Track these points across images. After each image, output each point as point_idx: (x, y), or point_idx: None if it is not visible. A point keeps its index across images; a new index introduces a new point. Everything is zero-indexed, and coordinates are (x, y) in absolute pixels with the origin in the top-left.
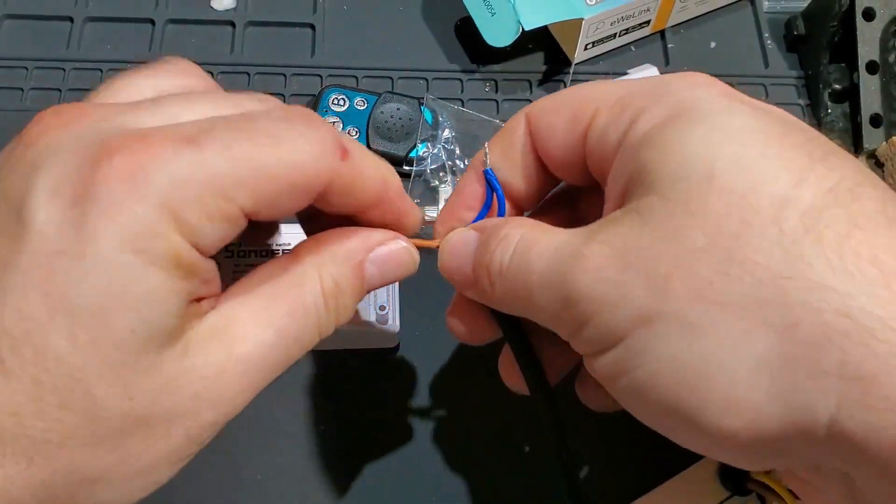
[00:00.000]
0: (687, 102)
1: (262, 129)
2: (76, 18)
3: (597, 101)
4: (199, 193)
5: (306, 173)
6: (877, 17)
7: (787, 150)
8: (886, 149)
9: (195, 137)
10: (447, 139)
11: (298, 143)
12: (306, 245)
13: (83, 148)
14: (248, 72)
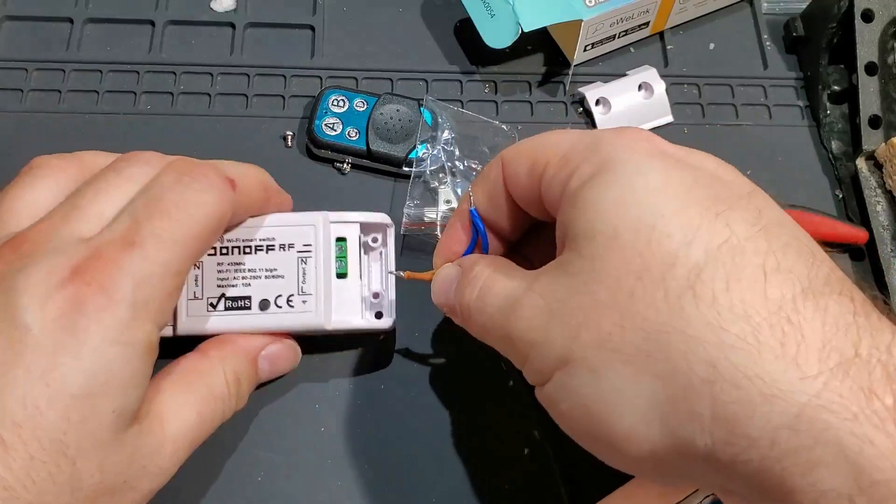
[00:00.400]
0: (609, 162)
1: (171, 203)
2: (76, 20)
3: (548, 154)
4: (156, 283)
5: (216, 217)
6: (876, 18)
7: (688, 208)
8: (885, 150)
9: (132, 240)
10: (447, 140)
11: (202, 198)
12: (212, 344)
13: (54, 270)
14: (247, 73)
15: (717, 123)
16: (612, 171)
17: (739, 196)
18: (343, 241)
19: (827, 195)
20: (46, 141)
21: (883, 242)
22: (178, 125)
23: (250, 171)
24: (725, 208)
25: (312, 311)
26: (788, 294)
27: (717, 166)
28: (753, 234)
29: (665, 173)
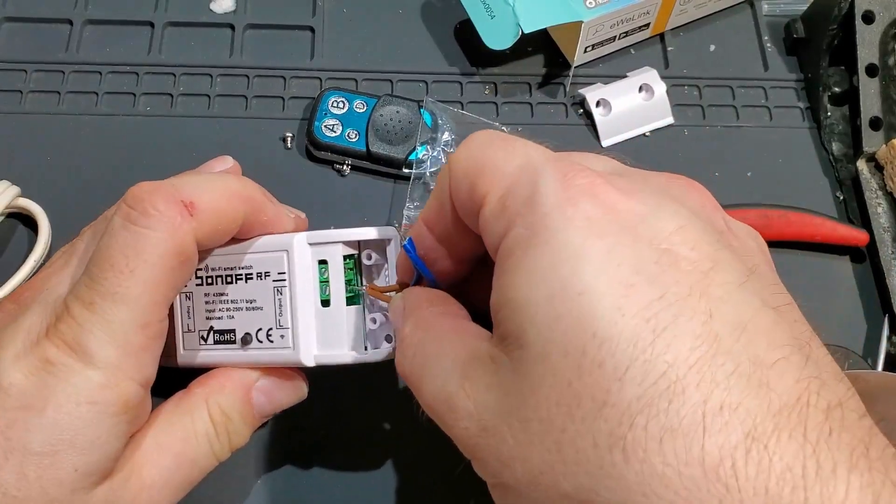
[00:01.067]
0: (543, 235)
1: (119, 253)
2: (75, 21)
3: (487, 185)
4: (123, 341)
5: (175, 255)
6: (876, 20)
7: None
8: (886, 152)
9: (90, 300)
10: (447, 142)
11: (151, 238)
12: (198, 380)
13: (33, 326)
14: (247, 74)
15: (718, 125)
16: (546, 251)
17: (694, 283)
18: (325, 265)
19: (827, 197)
20: (46, 142)
21: (884, 244)
22: (177, 127)
23: (220, 186)
24: (670, 318)
25: (290, 347)
26: (730, 443)
27: (677, 227)
28: (697, 359)
29: (607, 262)
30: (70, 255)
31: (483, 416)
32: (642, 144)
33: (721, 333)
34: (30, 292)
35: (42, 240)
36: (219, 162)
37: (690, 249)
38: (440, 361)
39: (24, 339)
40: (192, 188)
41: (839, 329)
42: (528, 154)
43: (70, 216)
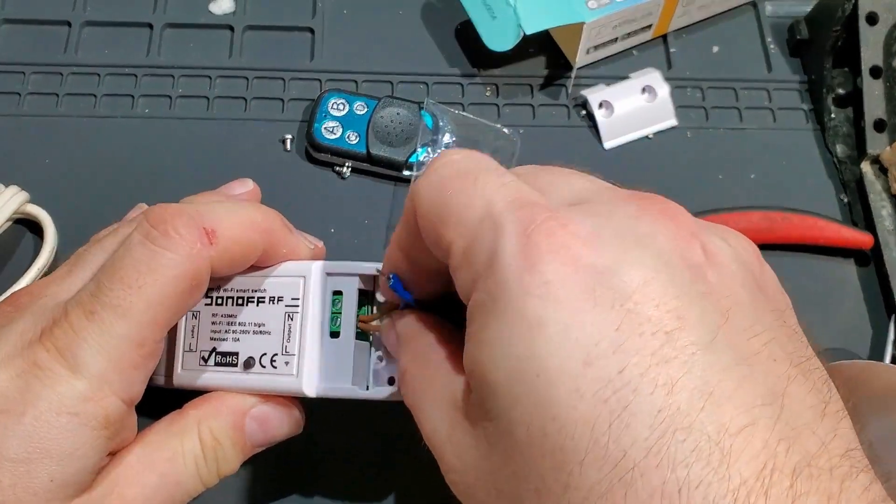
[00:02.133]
0: (502, 301)
1: (133, 268)
2: (74, 23)
3: (451, 233)
4: (116, 356)
5: (187, 279)
6: (880, 21)
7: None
8: (891, 154)
9: (92, 308)
10: (448, 144)
11: (167, 260)
12: (193, 402)
13: (27, 329)
14: (246, 76)
15: (721, 127)
16: (506, 320)
17: (657, 348)
18: (339, 295)
19: (832, 199)
20: (44, 145)
21: (888, 247)
22: (176, 129)
23: (242, 216)
24: (629, 397)
25: (294, 375)
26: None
27: (642, 280)
28: (655, 441)
29: (564, 337)
30: (73, 265)
31: (465, 477)
32: (645, 147)
33: (682, 406)
34: (28, 297)
35: (47, 246)
36: (239, 184)
37: (655, 307)
38: (434, 404)
39: (14, 342)
40: (214, 216)
41: (844, 332)
42: (489, 202)
43: (70, 219)
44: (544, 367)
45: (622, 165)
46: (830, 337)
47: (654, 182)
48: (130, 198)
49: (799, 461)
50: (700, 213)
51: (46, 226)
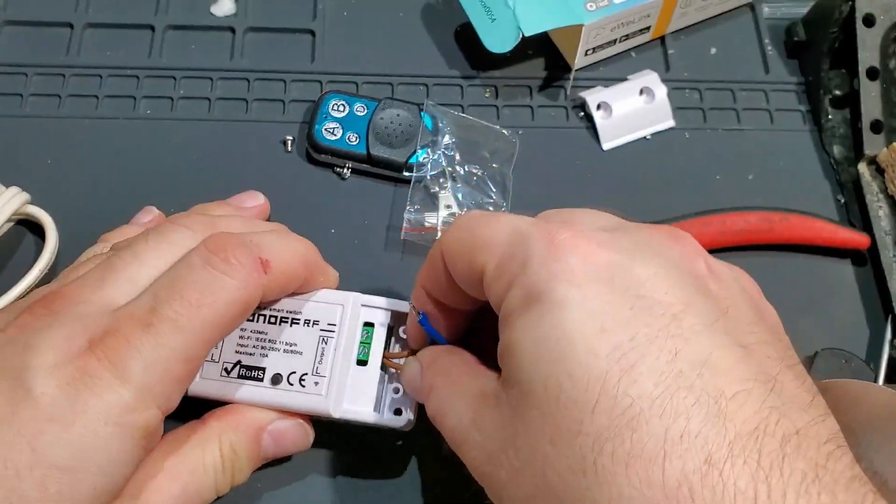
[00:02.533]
0: (535, 292)
1: (193, 287)
2: (76, 24)
3: (483, 257)
4: (165, 368)
5: (240, 304)
6: (877, 23)
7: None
8: (887, 155)
9: (149, 321)
10: (447, 145)
11: (227, 284)
12: (215, 413)
13: (73, 337)
14: (247, 78)
15: (719, 128)
16: (537, 306)
17: (665, 325)
18: (370, 328)
19: (829, 200)
20: (46, 146)
21: (885, 248)
22: (177, 130)
23: (291, 248)
24: (638, 357)
25: (322, 395)
26: (688, 468)
27: (653, 274)
28: (660, 393)
29: (587, 308)
30: (106, 270)
31: (488, 446)
32: (643, 148)
33: (684, 370)
34: (62, 301)
35: (49, 247)
36: (250, 198)
37: (664, 294)
38: (457, 402)
39: (62, 348)
40: (268, 247)
41: (841, 332)
42: (513, 224)
43: (72, 220)
44: (565, 333)
45: (620, 166)
46: (828, 337)
47: (652, 183)
48: (132, 199)
49: (788, 430)
50: (698, 214)
51: (48, 227)
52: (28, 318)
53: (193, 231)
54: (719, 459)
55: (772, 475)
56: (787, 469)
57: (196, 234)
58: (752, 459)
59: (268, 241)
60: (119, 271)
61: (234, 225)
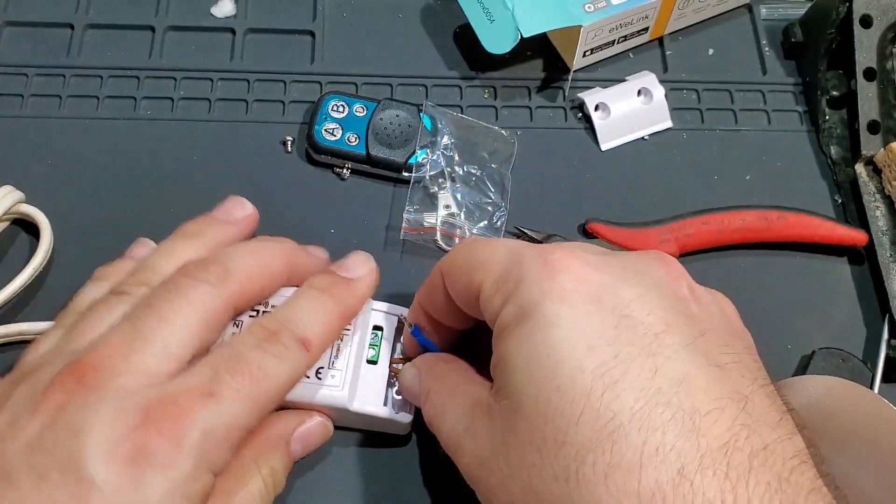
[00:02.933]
0: (528, 310)
1: (252, 364)
2: (76, 25)
3: (480, 276)
4: (224, 436)
5: (290, 383)
6: (874, 24)
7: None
8: (884, 155)
9: (211, 390)
10: (446, 146)
11: (279, 366)
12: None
13: (124, 413)
14: (247, 79)
15: (717, 129)
16: (529, 322)
17: (647, 344)
18: (379, 330)
19: (826, 200)
20: (47, 146)
21: (882, 247)
22: (177, 130)
23: (327, 319)
24: (620, 374)
25: (339, 387)
26: (662, 479)
27: (637, 296)
28: (640, 408)
29: (573, 329)
30: (133, 335)
31: (480, 453)
32: (641, 148)
33: (663, 387)
34: (97, 374)
35: (43, 247)
36: (237, 207)
37: (647, 314)
38: (452, 409)
39: (113, 426)
40: (305, 326)
41: (839, 332)
42: (509, 246)
43: (71, 221)
44: (555, 350)
45: (618, 167)
46: (825, 336)
47: (650, 183)
48: (132, 200)
49: (756, 446)
50: (696, 214)
51: (42, 226)
52: (61, 396)
53: (212, 286)
54: (691, 471)
55: (738, 486)
56: (752, 481)
57: (216, 289)
58: (721, 471)
59: (306, 319)
60: (149, 337)
61: (246, 266)
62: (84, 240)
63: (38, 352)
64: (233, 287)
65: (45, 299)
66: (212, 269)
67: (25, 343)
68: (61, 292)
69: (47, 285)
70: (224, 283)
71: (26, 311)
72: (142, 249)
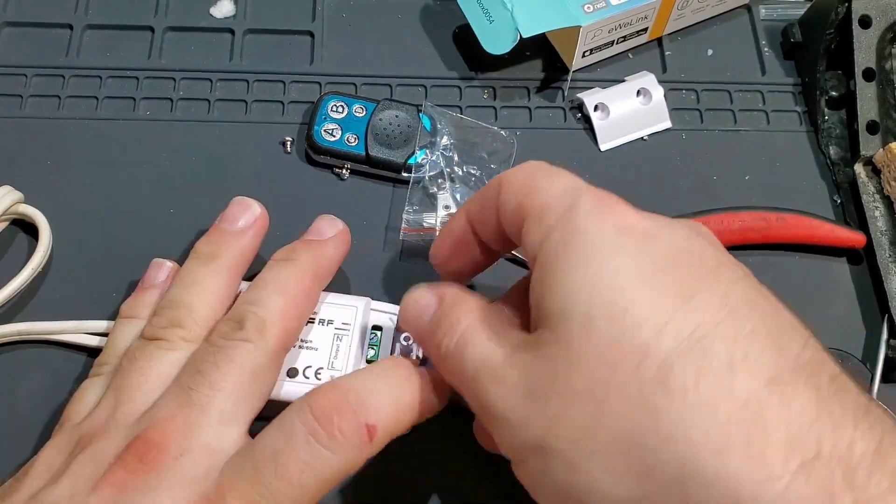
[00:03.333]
0: (579, 237)
1: (295, 466)
2: (76, 26)
3: (533, 201)
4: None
5: (342, 476)
6: (873, 24)
7: (659, 293)
8: (883, 155)
9: (249, 497)
10: (446, 146)
11: (330, 462)
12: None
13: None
14: (246, 79)
15: (716, 129)
16: (583, 249)
17: (707, 273)
18: (379, 330)
19: (825, 201)
20: (46, 147)
21: (881, 247)
22: (177, 131)
23: (397, 401)
24: (694, 291)
25: None
26: (755, 386)
27: (686, 237)
28: (721, 319)
29: (636, 254)
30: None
31: (529, 384)
32: (640, 148)
33: (737, 305)
34: (159, 453)
35: (41, 247)
36: (246, 212)
37: (702, 250)
38: (486, 338)
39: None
40: (376, 407)
41: (838, 332)
42: (570, 180)
43: (70, 221)
44: (621, 272)
45: (618, 167)
46: (824, 336)
47: (649, 184)
48: (131, 200)
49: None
50: (695, 214)
51: (41, 226)
52: (124, 475)
53: (254, 342)
54: (782, 381)
55: (830, 401)
56: (839, 399)
57: (257, 343)
58: (811, 386)
59: (374, 402)
60: (206, 409)
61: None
62: (83, 240)
63: (83, 404)
64: (272, 335)
65: (43, 299)
66: (247, 325)
67: (26, 343)
68: (60, 292)
69: (46, 285)
70: (263, 337)
71: (25, 312)
72: (160, 273)
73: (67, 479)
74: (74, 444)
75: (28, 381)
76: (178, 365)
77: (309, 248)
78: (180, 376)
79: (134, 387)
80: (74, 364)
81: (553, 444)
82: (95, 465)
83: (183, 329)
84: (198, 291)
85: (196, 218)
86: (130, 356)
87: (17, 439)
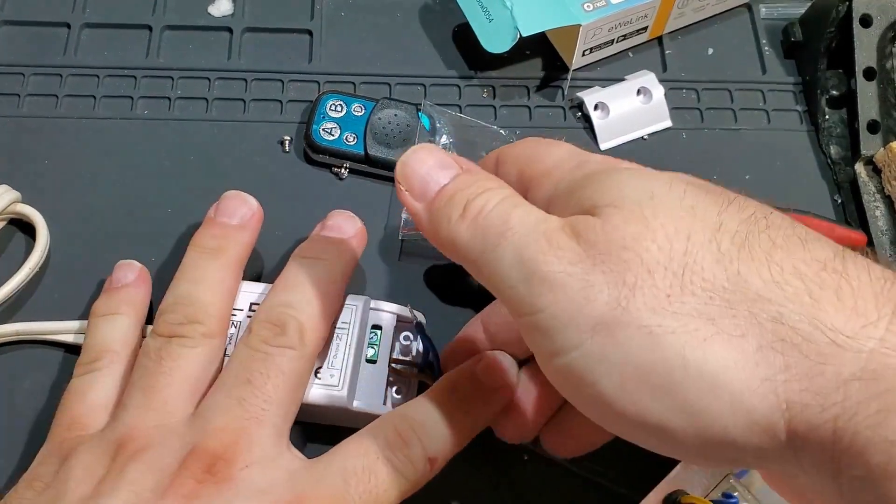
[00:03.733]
0: (603, 169)
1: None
2: (73, 25)
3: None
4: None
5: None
6: (874, 23)
7: (705, 194)
8: (884, 155)
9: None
10: (445, 145)
11: (401, 484)
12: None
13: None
14: (245, 78)
15: (716, 128)
16: (615, 172)
17: (735, 195)
18: (378, 329)
19: (826, 200)
20: (43, 146)
21: (881, 247)
22: (175, 130)
23: (450, 433)
24: (733, 197)
25: (338, 387)
26: (829, 255)
27: (691, 180)
28: (769, 213)
29: (665, 181)
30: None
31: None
32: (640, 147)
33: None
34: (225, 465)
35: (39, 246)
36: (243, 206)
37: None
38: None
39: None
40: (437, 443)
41: None
42: (571, 147)
43: (67, 221)
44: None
45: None
46: None
47: None
48: (129, 200)
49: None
50: None
51: (39, 226)
52: (194, 485)
53: (297, 349)
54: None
55: (884, 285)
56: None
57: (300, 350)
58: (863, 268)
59: (436, 437)
60: (262, 422)
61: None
62: (80, 240)
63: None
64: (311, 341)
65: (41, 299)
66: (289, 331)
67: (23, 343)
68: (57, 292)
69: (43, 285)
70: (304, 343)
71: (22, 311)
72: (128, 274)
73: (127, 487)
74: (114, 449)
75: (25, 381)
76: (203, 363)
77: (336, 247)
78: (228, 382)
79: (164, 388)
80: (71, 364)
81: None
82: (154, 474)
83: (202, 325)
84: (209, 286)
85: (194, 217)
86: (154, 356)
87: (13, 439)
